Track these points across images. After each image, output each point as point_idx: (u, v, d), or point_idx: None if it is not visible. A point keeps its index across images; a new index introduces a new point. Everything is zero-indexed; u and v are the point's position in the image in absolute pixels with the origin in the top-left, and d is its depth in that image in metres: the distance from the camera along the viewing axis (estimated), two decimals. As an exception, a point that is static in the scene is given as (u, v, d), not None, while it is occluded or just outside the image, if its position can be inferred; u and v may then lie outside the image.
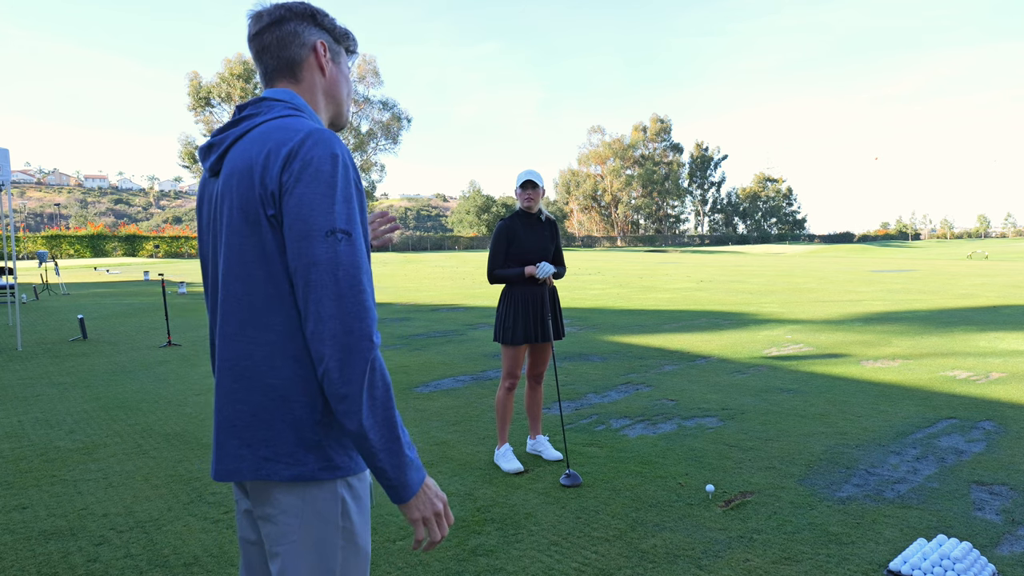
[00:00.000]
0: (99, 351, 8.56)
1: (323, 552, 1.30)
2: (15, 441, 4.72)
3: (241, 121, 1.35)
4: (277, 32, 1.40)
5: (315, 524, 1.29)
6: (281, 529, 1.29)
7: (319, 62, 1.43)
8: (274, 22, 1.39)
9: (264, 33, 1.40)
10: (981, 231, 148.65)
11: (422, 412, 5.38)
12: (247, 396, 1.28)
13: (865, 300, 13.72)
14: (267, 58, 1.41)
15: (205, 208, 1.43)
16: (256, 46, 1.41)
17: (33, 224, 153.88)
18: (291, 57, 1.40)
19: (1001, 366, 6.83)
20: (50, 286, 19.97)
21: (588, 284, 19.72)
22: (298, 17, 1.41)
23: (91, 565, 2.91)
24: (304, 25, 1.41)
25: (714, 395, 5.80)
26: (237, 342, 1.29)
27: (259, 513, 1.34)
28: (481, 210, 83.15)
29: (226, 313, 1.30)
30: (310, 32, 1.42)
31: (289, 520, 1.29)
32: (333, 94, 1.48)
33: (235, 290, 1.28)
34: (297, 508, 1.28)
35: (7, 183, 9.12)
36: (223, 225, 1.31)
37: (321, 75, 1.44)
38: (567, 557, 2.94)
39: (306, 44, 1.41)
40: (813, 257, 46.47)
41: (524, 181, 3.97)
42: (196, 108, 62.84)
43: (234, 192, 1.27)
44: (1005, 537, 3.05)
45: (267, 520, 1.32)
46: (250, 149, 1.28)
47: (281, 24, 1.39)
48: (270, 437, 1.27)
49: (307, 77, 1.43)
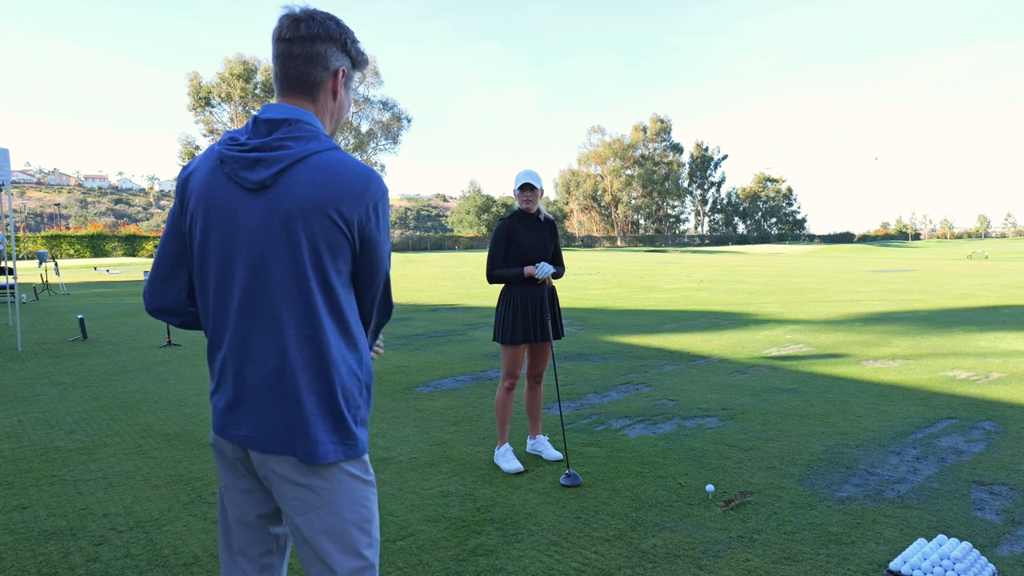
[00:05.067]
0: (99, 351, 8.56)
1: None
2: (15, 441, 4.72)
3: (287, 142, 1.42)
4: (308, 48, 1.47)
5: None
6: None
7: (335, 87, 1.53)
8: (308, 37, 1.46)
9: (295, 43, 1.46)
10: (981, 231, 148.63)
11: (422, 412, 5.38)
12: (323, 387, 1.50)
13: (865, 300, 13.72)
14: (290, 66, 1.48)
15: (219, 210, 1.46)
16: (283, 49, 1.48)
17: (33, 224, 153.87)
18: (313, 77, 1.49)
19: (1001, 366, 6.83)
20: (50, 286, 19.96)
21: (588, 284, 19.72)
22: (331, 41, 1.49)
23: (91, 565, 2.91)
24: (333, 50, 1.50)
25: (714, 395, 5.80)
26: (297, 340, 1.44)
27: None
28: (481, 210, 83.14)
29: (283, 314, 1.44)
30: (336, 57, 1.51)
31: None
32: (336, 117, 1.59)
33: (292, 295, 1.43)
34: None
35: (7, 183, 9.12)
36: (274, 237, 1.41)
37: (333, 99, 1.54)
38: (567, 557, 2.94)
39: (329, 68, 1.50)
40: (813, 257, 46.48)
41: (523, 183, 3.97)
42: (196, 108, 62.83)
43: (307, 216, 1.40)
44: (1005, 537, 3.05)
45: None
46: (319, 179, 1.41)
47: (314, 42, 1.47)
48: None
49: (321, 99, 1.52)
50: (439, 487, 3.77)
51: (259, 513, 1.59)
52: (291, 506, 1.48)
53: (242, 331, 1.46)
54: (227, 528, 1.61)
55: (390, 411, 5.44)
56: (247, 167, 1.42)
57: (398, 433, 4.82)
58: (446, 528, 3.24)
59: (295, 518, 1.48)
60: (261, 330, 1.44)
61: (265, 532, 1.61)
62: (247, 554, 1.60)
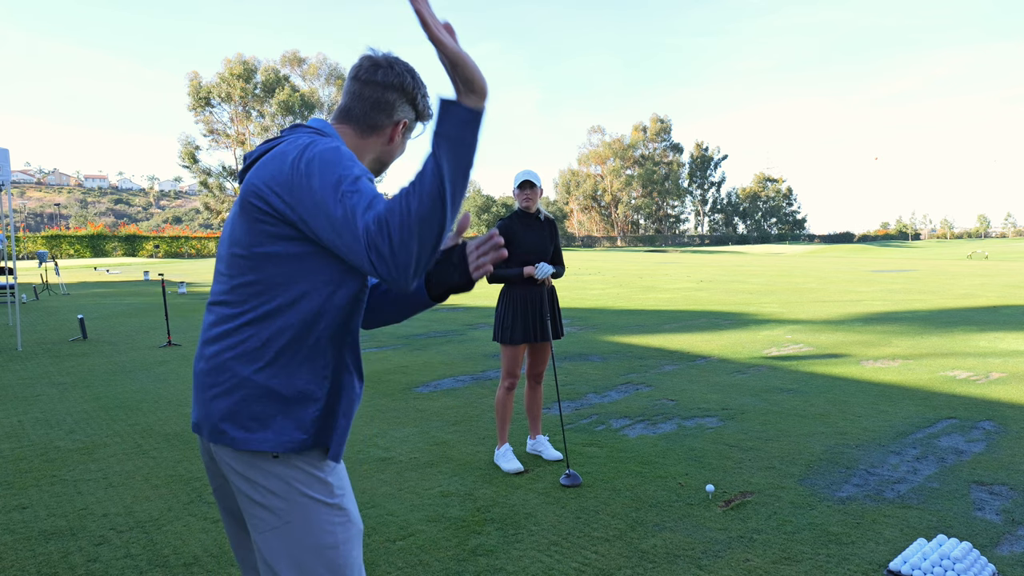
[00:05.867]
0: (99, 351, 8.56)
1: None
2: (15, 441, 4.72)
3: (272, 141, 1.49)
4: (378, 94, 1.49)
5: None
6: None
7: (394, 135, 1.55)
8: (381, 84, 1.49)
9: (368, 86, 1.49)
10: (981, 231, 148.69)
11: (422, 412, 5.38)
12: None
13: (865, 300, 13.72)
14: (355, 103, 1.51)
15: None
16: (355, 88, 1.51)
17: (33, 224, 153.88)
18: (375, 121, 1.52)
19: (1001, 366, 6.83)
20: (50, 286, 19.96)
21: (588, 284, 19.72)
22: (402, 93, 1.51)
23: (91, 565, 2.91)
24: (402, 102, 1.52)
25: (714, 395, 5.80)
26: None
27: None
28: (481, 210, 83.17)
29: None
30: (402, 109, 1.53)
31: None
32: (384, 161, 1.59)
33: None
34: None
35: (7, 183, 9.12)
36: (229, 229, 1.47)
37: (387, 144, 1.56)
38: (567, 557, 2.94)
39: (393, 117, 1.53)
40: (813, 257, 46.47)
41: (522, 181, 3.97)
42: (196, 108, 62.86)
43: (242, 200, 1.43)
44: (1005, 537, 3.05)
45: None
46: (265, 162, 1.43)
47: (386, 90, 1.50)
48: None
49: (374, 140, 1.54)
50: (439, 487, 3.77)
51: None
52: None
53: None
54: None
55: (390, 411, 5.44)
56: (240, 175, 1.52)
57: (398, 433, 4.82)
58: (446, 528, 3.24)
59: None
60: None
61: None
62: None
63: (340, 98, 1.56)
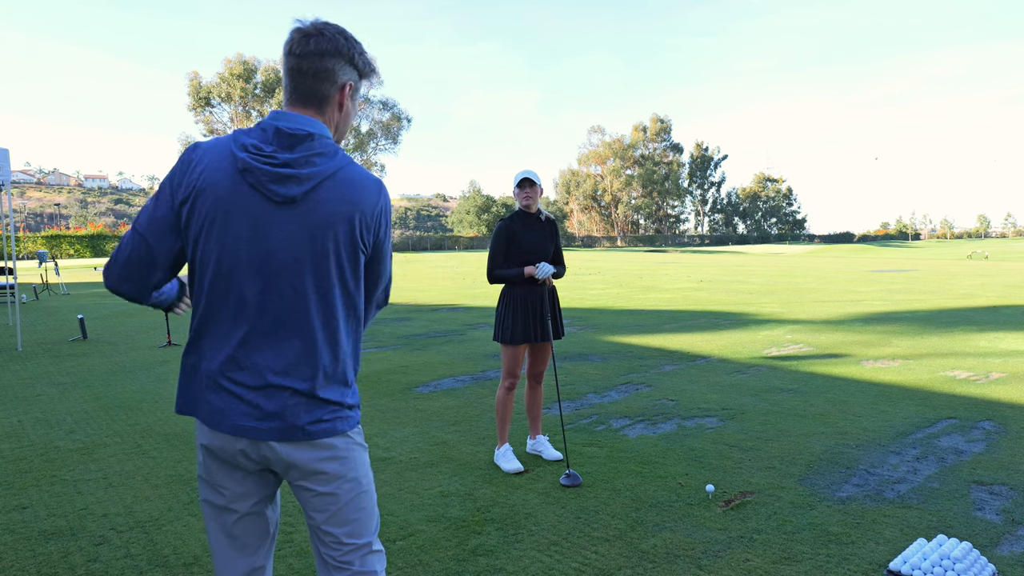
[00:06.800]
0: (99, 351, 8.56)
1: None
2: (15, 441, 4.72)
3: (313, 159, 1.49)
4: (317, 64, 1.51)
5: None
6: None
7: (341, 100, 1.58)
8: (318, 54, 1.51)
9: (305, 59, 1.51)
10: (981, 231, 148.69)
11: (422, 412, 5.38)
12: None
13: (865, 300, 13.72)
14: (299, 80, 1.53)
15: (242, 217, 1.48)
16: (293, 64, 1.53)
17: (33, 224, 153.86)
18: (322, 91, 1.54)
19: (1001, 366, 6.83)
20: (50, 286, 19.96)
21: (588, 284, 19.72)
22: (340, 56, 1.53)
23: (91, 565, 2.91)
24: (342, 64, 1.54)
25: (714, 395, 5.80)
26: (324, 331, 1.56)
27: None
28: (481, 210, 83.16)
29: (311, 318, 1.54)
30: (344, 72, 1.56)
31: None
32: (342, 128, 1.64)
33: (314, 301, 1.53)
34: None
35: (7, 183, 9.12)
36: (302, 248, 1.49)
37: (339, 111, 1.60)
38: (567, 557, 2.94)
39: (337, 83, 1.55)
40: (813, 257, 46.48)
41: (521, 180, 3.98)
42: (196, 108, 62.86)
43: (336, 229, 1.50)
44: (1005, 537, 3.05)
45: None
46: (346, 195, 1.52)
47: (323, 58, 1.51)
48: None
49: (328, 111, 1.58)
50: (439, 487, 3.77)
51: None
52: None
53: (265, 331, 1.51)
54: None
55: (390, 411, 5.44)
56: (277, 181, 1.46)
57: (398, 433, 4.82)
58: (446, 528, 3.24)
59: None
60: (290, 332, 1.52)
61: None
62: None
63: (283, 78, 1.57)
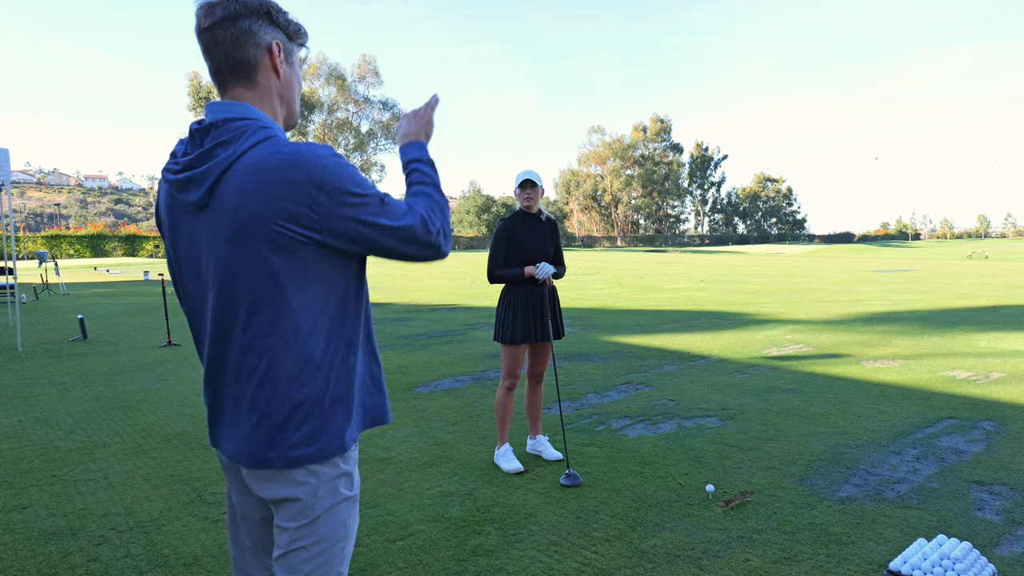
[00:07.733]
0: (99, 351, 8.56)
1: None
2: (15, 441, 4.72)
3: (215, 150, 1.31)
4: (231, 29, 1.34)
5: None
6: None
7: (274, 63, 1.40)
8: (228, 18, 1.34)
9: (216, 28, 1.34)
10: (981, 231, 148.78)
11: (422, 412, 5.38)
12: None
13: (865, 300, 13.72)
14: (219, 55, 1.36)
15: (179, 232, 1.41)
16: (207, 41, 1.36)
17: (33, 224, 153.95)
18: (245, 58, 1.37)
19: (1001, 366, 6.83)
20: (50, 286, 19.96)
21: (588, 284, 19.72)
22: (253, 14, 1.36)
23: (91, 565, 2.91)
24: (259, 23, 1.37)
25: (714, 395, 5.80)
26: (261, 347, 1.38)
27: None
28: (481, 210, 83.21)
29: (236, 320, 1.37)
30: (265, 31, 1.38)
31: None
32: (286, 96, 1.46)
33: (253, 310, 1.36)
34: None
35: (7, 183, 9.12)
36: (225, 256, 1.33)
37: (276, 77, 1.42)
38: (567, 557, 2.94)
39: (261, 44, 1.38)
40: (813, 257, 46.48)
41: (523, 180, 3.98)
42: (196, 108, 62.82)
43: (249, 229, 1.29)
44: (1005, 537, 3.05)
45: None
46: (247, 184, 1.28)
47: (235, 21, 1.34)
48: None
49: (262, 81, 1.40)
50: (439, 487, 3.77)
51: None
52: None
53: (216, 346, 1.40)
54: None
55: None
56: (182, 188, 1.34)
57: (398, 433, 4.82)
58: (446, 528, 3.24)
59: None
60: (229, 344, 1.38)
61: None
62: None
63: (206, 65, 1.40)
